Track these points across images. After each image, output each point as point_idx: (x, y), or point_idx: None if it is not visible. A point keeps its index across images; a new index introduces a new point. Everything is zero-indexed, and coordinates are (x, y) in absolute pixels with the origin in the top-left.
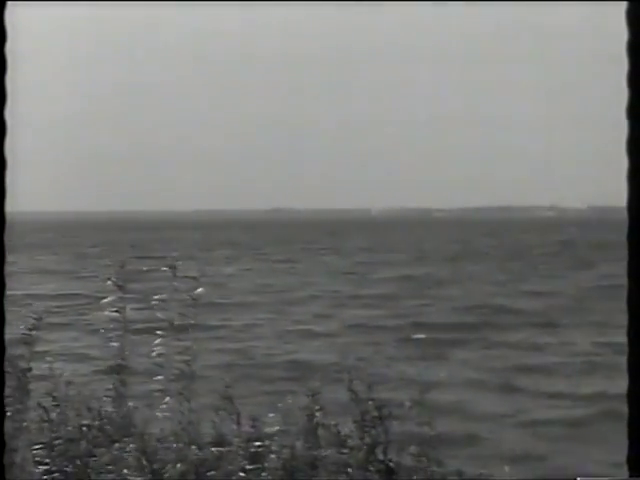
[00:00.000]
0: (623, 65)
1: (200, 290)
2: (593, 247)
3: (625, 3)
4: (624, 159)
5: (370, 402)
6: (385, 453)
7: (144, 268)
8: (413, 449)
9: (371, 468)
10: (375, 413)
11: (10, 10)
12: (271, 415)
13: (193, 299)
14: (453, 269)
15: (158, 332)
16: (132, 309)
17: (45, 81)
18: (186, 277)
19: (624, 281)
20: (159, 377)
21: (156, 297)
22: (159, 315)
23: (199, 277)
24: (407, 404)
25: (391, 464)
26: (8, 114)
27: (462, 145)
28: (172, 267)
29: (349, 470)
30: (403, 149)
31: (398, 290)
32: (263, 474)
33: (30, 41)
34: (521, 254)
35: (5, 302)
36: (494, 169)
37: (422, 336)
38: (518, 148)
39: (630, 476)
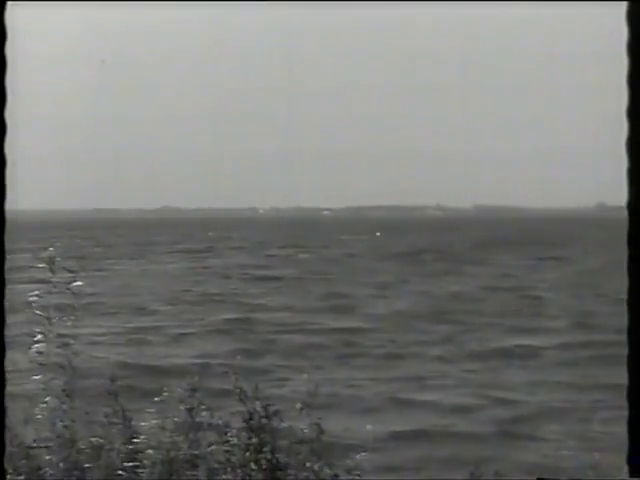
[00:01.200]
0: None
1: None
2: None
3: (625, 3)
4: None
5: (257, 401)
6: (272, 452)
7: None
8: (300, 448)
9: (255, 467)
10: (262, 412)
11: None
12: (150, 410)
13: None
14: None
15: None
16: None
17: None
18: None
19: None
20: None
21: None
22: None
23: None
24: (298, 406)
25: (277, 463)
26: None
27: (352, 145)
28: None
29: (233, 469)
30: (294, 149)
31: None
32: (141, 471)
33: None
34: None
35: (5, 302)
36: (383, 169)
37: None
38: (408, 148)
39: (630, 476)
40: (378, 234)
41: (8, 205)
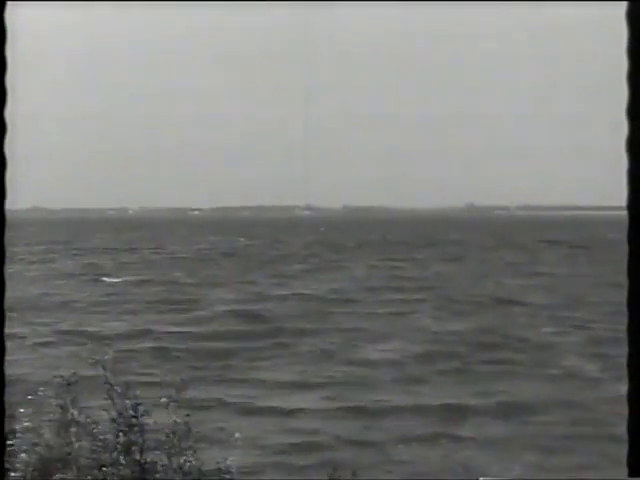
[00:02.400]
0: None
1: None
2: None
3: (625, 3)
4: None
5: (127, 401)
6: (141, 452)
7: None
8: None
9: (123, 463)
10: (131, 412)
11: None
12: (22, 410)
13: None
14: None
15: None
16: None
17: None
18: None
19: None
20: None
21: None
22: None
23: None
24: (164, 400)
25: (145, 464)
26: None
27: (214, 145)
28: None
29: (103, 468)
30: (166, 148)
31: None
32: (12, 474)
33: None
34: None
35: (5, 302)
36: (255, 168)
37: None
38: (278, 148)
39: (630, 476)
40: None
41: None
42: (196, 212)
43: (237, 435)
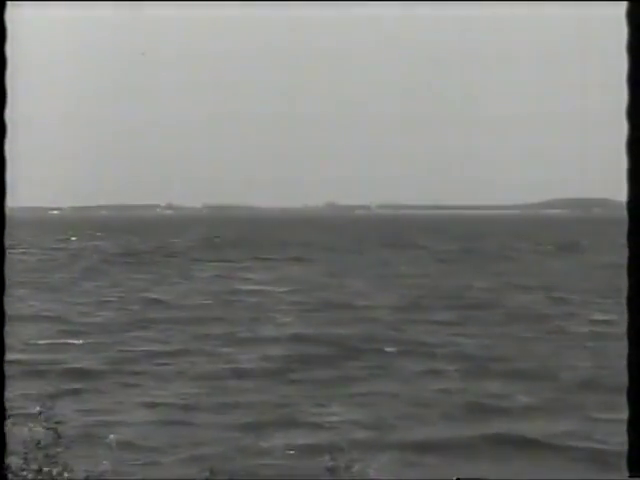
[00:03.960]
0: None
1: None
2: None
3: (625, 3)
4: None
5: None
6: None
7: None
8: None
9: None
10: None
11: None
12: None
13: None
14: None
15: None
16: None
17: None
18: None
19: None
20: None
21: None
22: None
23: None
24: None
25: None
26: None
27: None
28: None
29: None
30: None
31: None
32: None
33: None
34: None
35: (5, 302)
36: (120, 167)
37: None
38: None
39: (630, 476)
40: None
41: None
42: (55, 212)
43: None
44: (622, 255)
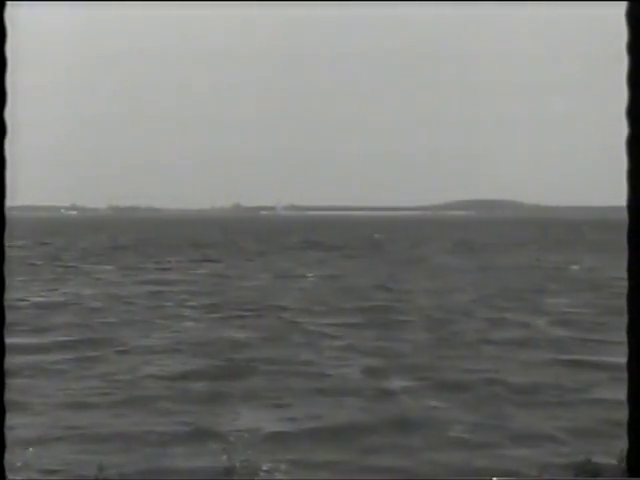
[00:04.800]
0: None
1: None
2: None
3: (625, 3)
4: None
5: None
6: None
7: None
8: None
9: None
10: None
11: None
12: None
13: None
14: None
15: None
16: None
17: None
18: None
19: None
20: None
21: None
22: None
23: None
24: None
25: None
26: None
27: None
28: None
29: None
30: None
31: None
32: None
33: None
34: None
35: (5, 302)
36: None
37: None
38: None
39: (630, 476)
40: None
41: None
42: None
43: None
44: (515, 255)
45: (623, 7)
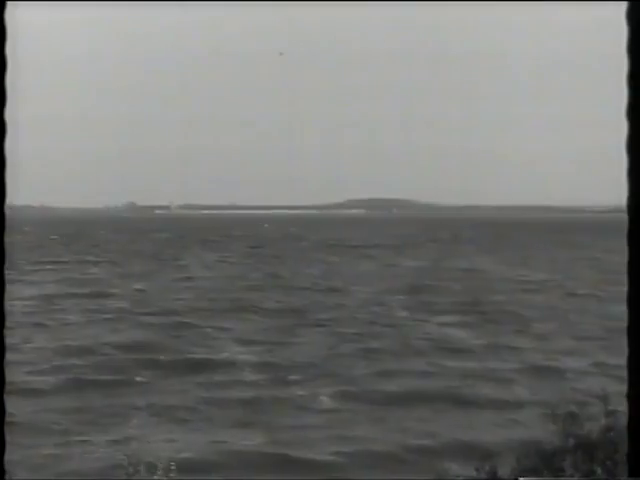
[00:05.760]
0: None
1: None
2: None
3: (625, 3)
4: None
5: None
6: None
7: None
8: None
9: None
10: None
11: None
12: None
13: None
14: None
15: None
16: None
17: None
18: None
19: None
20: None
21: None
22: None
23: None
24: None
25: None
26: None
27: None
28: None
29: None
30: None
31: None
32: None
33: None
34: None
35: (5, 302)
36: None
37: None
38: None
39: (630, 476)
40: None
41: None
42: None
43: None
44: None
45: (623, 7)
